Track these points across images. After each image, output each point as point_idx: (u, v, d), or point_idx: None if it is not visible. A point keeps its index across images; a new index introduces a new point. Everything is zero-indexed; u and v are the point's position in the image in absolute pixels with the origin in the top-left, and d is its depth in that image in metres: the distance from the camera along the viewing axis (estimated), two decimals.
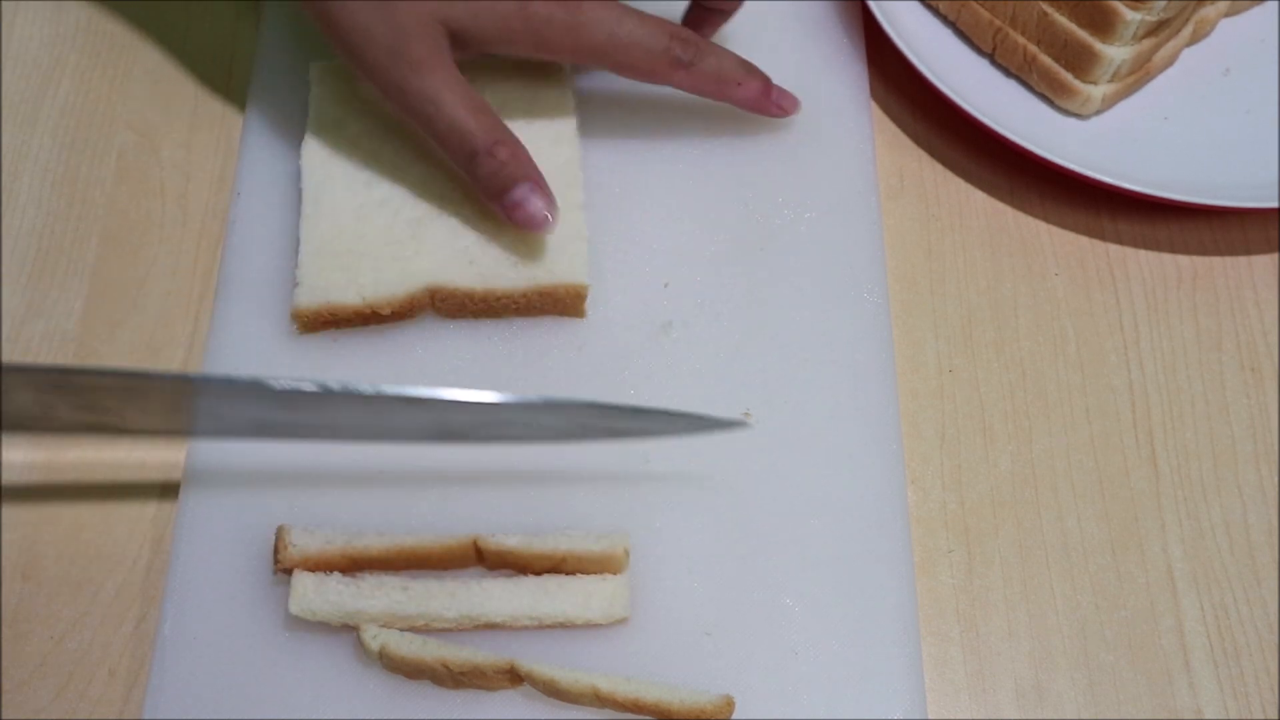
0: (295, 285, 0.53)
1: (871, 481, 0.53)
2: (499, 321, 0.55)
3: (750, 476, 0.53)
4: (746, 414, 0.54)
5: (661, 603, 0.50)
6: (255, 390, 0.47)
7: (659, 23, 0.55)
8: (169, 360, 0.55)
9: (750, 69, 0.58)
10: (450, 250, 0.55)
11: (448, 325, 0.55)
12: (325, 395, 0.47)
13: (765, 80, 0.58)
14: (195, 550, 0.50)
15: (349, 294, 0.53)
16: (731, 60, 0.57)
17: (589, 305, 0.55)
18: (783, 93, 0.59)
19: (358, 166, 0.56)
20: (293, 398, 0.47)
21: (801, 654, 0.49)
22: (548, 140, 0.57)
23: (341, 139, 0.57)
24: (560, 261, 0.55)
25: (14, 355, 0.55)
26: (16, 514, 0.52)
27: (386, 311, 0.53)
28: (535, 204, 0.53)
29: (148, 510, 0.52)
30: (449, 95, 0.52)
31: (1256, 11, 0.67)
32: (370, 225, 0.55)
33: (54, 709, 0.48)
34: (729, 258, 0.57)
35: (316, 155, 0.56)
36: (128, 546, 0.51)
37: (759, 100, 0.58)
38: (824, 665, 0.49)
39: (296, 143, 0.57)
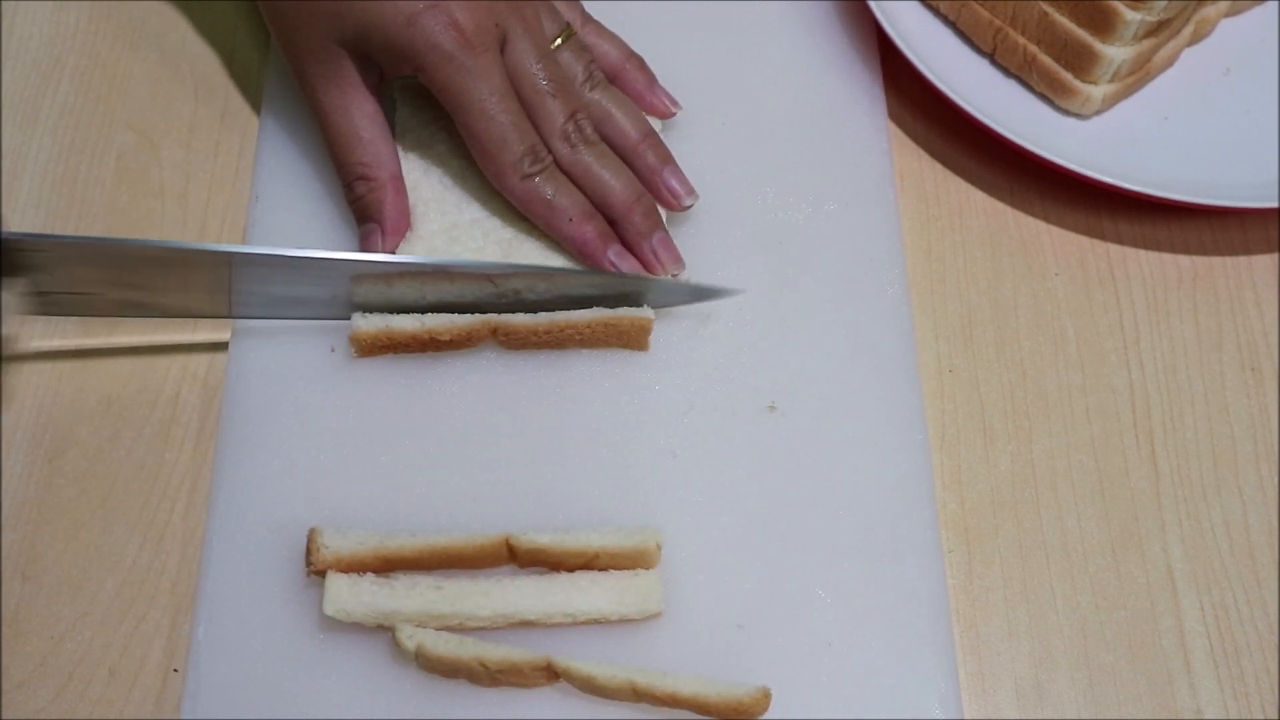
0: None
1: (897, 471, 0.53)
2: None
3: (777, 469, 0.53)
4: (772, 407, 0.54)
5: (693, 597, 0.50)
6: (284, 261, 0.51)
7: (530, 130, 0.53)
8: (168, 361, 0.55)
9: (591, 216, 0.54)
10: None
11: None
12: (352, 265, 0.51)
13: (603, 234, 0.54)
14: (227, 553, 0.50)
15: (407, 320, 0.53)
16: (574, 199, 0.54)
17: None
18: (622, 254, 0.54)
19: (447, 187, 0.56)
20: (323, 268, 0.51)
21: (835, 645, 0.49)
22: None
23: (430, 158, 0.57)
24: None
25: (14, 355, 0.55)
26: (16, 514, 0.52)
27: (445, 338, 0.53)
28: (374, 243, 0.54)
29: (146, 512, 0.52)
30: (335, 120, 0.54)
31: (1256, 11, 0.67)
32: (463, 247, 0.55)
33: (54, 709, 0.48)
34: (749, 252, 0.58)
35: (407, 177, 0.56)
36: (127, 546, 0.51)
37: (587, 247, 0.54)
38: (858, 656, 0.49)
39: (312, 143, 0.57)
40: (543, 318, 0.53)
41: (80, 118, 0.61)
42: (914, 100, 0.64)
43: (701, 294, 0.55)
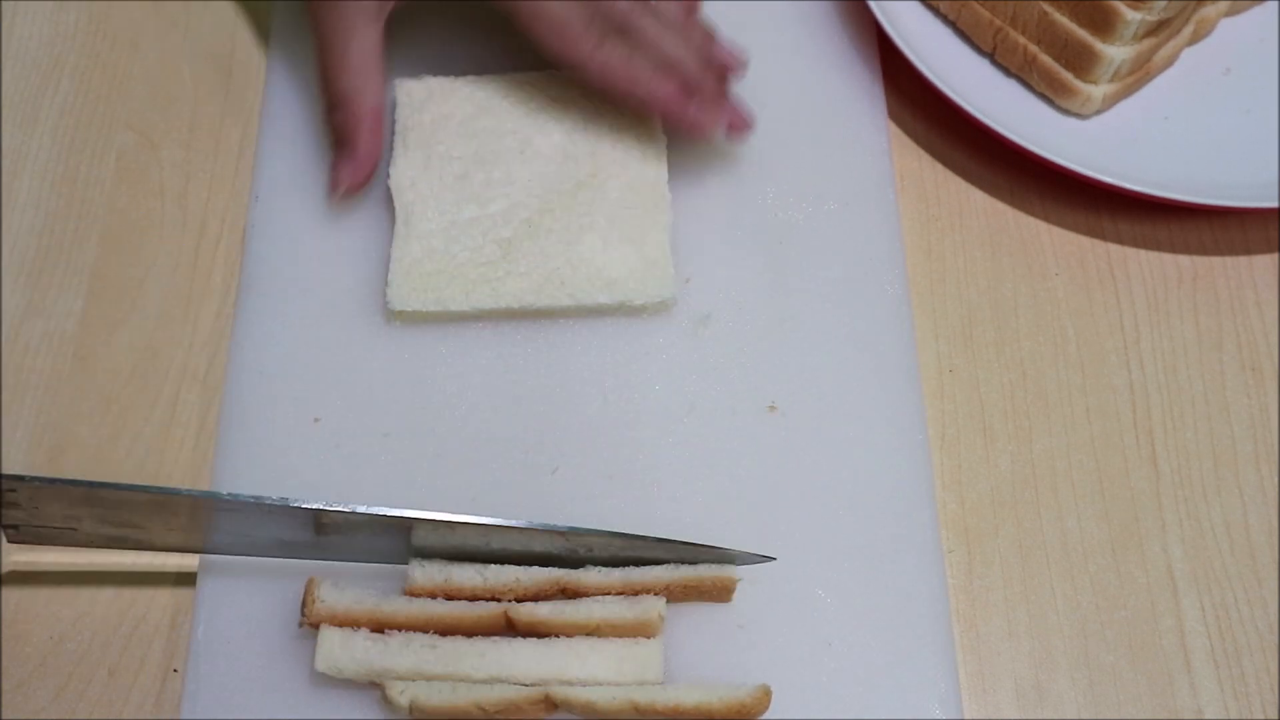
0: (386, 305, 0.54)
1: (897, 471, 0.53)
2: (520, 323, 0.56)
3: (777, 469, 0.53)
4: (772, 407, 0.54)
5: None
6: (281, 510, 0.46)
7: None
8: (168, 361, 0.55)
9: (671, 72, 0.53)
10: (541, 272, 0.55)
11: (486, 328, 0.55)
12: (351, 517, 0.47)
13: (686, 89, 0.53)
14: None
15: (468, 569, 0.50)
16: (649, 57, 0.52)
17: (609, 304, 0.55)
18: (704, 107, 0.53)
19: (446, 185, 0.57)
20: (318, 518, 0.47)
21: (835, 645, 0.49)
22: (635, 159, 0.57)
23: (431, 157, 0.57)
24: (649, 280, 0.55)
25: (14, 355, 0.55)
26: None
27: (510, 597, 0.49)
28: (340, 172, 0.55)
29: None
30: (330, 42, 0.54)
31: (1256, 11, 0.67)
32: (461, 246, 0.55)
33: (54, 709, 0.48)
34: (750, 251, 0.58)
35: (406, 175, 0.56)
36: None
37: (671, 103, 0.53)
38: (858, 656, 0.49)
39: (311, 144, 0.57)
40: (617, 574, 0.49)
41: (80, 118, 0.61)
42: (914, 100, 0.64)
43: (754, 559, 0.50)
